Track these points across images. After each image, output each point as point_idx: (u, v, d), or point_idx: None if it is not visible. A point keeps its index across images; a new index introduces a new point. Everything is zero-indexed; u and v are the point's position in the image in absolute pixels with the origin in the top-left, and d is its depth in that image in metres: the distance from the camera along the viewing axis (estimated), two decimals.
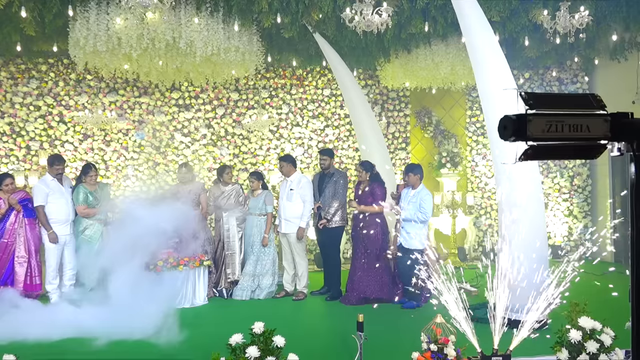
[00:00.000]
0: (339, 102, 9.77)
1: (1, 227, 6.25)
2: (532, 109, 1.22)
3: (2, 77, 8.81)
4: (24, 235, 6.27)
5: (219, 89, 9.46)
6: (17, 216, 6.30)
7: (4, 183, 6.30)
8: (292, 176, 6.84)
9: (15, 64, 8.83)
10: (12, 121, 8.84)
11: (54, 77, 8.98)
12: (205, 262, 6.49)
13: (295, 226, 6.70)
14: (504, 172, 5.21)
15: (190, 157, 9.35)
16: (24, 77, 8.89)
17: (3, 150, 8.81)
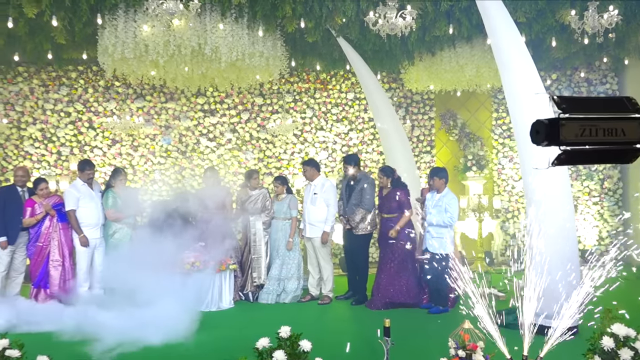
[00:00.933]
0: (362, 105, 9.75)
1: (36, 231, 6.42)
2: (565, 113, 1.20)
3: (34, 85, 9.05)
4: (58, 239, 6.44)
5: (244, 93, 9.53)
6: (51, 221, 6.46)
7: (39, 187, 6.49)
8: (316, 180, 6.84)
9: (46, 72, 9.05)
10: (43, 127, 9.07)
11: (83, 84, 9.18)
12: (231, 265, 6.53)
13: (320, 230, 6.70)
14: (532, 175, 5.12)
15: (216, 162, 9.43)
16: (54, 84, 9.11)
17: (35, 156, 9.04)
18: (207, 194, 6.86)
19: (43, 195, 6.48)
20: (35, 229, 6.42)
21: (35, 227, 6.42)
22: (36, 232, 6.43)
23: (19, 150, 9.00)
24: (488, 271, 8.45)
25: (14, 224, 6.37)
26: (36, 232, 6.43)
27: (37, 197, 6.49)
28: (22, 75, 9.02)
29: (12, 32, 6.91)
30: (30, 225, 6.40)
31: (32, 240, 6.41)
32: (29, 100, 9.03)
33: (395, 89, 9.85)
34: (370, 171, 9.65)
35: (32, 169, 8.99)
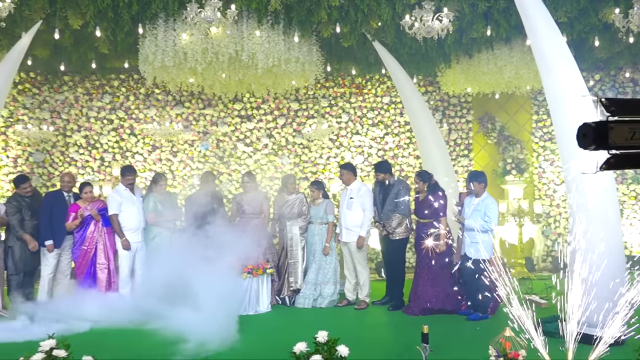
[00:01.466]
0: (398, 109, 9.69)
1: (82, 234, 6.62)
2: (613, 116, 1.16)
3: (78, 93, 9.36)
4: (103, 243, 6.62)
5: (280, 99, 9.61)
6: (96, 225, 6.64)
7: (84, 191, 6.69)
8: (352, 184, 6.82)
9: (90, 81, 9.35)
10: (87, 134, 9.36)
11: (125, 92, 9.44)
12: (268, 270, 6.57)
13: (356, 235, 6.67)
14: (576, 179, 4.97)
15: (253, 167, 9.53)
16: (98, 93, 9.40)
17: (80, 162, 9.34)
18: (244, 198, 6.93)
19: (87, 199, 6.68)
20: (80, 232, 6.61)
21: (81, 230, 6.61)
22: (81, 236, 6.62)
23: (65, 156, 9.32)
24: (529, 277, 8.25)
25: (60, 228, 6.58)
26: (81, 235, 6.62)
27: (82, 202, 6.69)
28: (68, 85, 9.34)
29: (59, 43, 7.18)
30: (72, 229, 6.59)
31: (77, 244, 6.61)
32: (74, 108, 9.34)
33: (431, 92, 9.75)
34: (407, 176, 9.56)
35: (77, 174, 9.28)
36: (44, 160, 9.26)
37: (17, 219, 6.44)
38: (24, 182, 6.62)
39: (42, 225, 6.50)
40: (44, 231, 6.49)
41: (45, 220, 6.50)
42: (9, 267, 6.46)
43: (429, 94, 9.73)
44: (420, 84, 9.65)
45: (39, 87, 9.29)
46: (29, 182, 6.70)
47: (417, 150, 9.36)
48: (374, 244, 7.85)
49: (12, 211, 6.44)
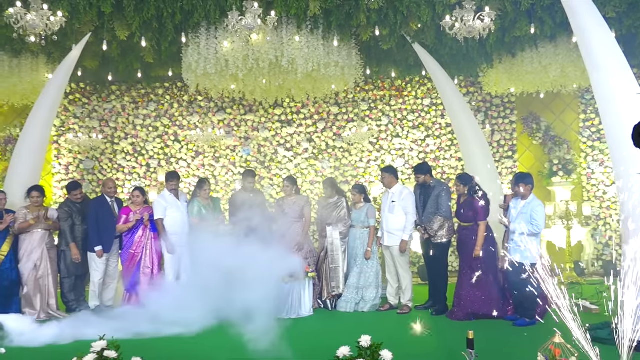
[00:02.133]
0: (439, 111, 9.58)
1: (130, 238, 6.80)
2: None
3: (125, 102, 9.67)
4: (150, 248, 6.79)
5: (319, 103, 9.65)
6: (144, 230, 6.81)
7: (134, 194, 6.89)
8: (394, 188, 6.76)
9: (136, 90, 9.65)
10: (134, 141, 9.66)
11: (169, 100, 9.69)
12: (310, 274, 6.59)
13: (398, 239, 6.61)
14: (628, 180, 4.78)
15: (293, 171, 9.60)
16: (143, 101, 9.68)
17: (127, 169, 9.64)
18: (286, 202, 6.98)
19: (138, 204, 6.87)
20: (128, 236, 6.79)
21: (129, 235, 6.80)
22: (129, 240, 6.79)
23: (113, 163, 9.64)
24: (578, 282, 7.97)
25: (108, 233, 6.75)
26: (129, 239, 6.79)
27: (133, 206, 6.88)
28: (115, 94, 9.67)
29: (106, 54, 7.45)
30: (123, 232, 6.79)
31: (125, 248, 6.79)
32: (121, 116, 9.66)
33: (473, 93, 9.59)
34: (449, 178, 9.43)
35: (125, 180, 9.59)
36: (93, 167, 9.60)
37: (69, 224, 6.67)
38: (75, 188, 6.86)
39: (91, 231, 6.68)
40: (92, 237, 6.67)
41: (93, 226, 6.68)
42: (62, 270, 6.71)
43: (470, 95, 9.58)
44: (462, 85, 9.51)
45: (89, 97, 9.65)
46: (80, 189, 6.93)
47: (459, 152, 9.22)
48: (416, 248, 7.76)
49: (64, 216, 6.68)
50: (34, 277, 6.45)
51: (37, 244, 6.49)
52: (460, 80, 9.44)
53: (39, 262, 6.49)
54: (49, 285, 6.55)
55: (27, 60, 7.70)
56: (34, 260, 6.46)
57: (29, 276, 6.42)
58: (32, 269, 6.45)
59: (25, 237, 6.48)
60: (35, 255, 6.47)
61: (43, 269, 6.51)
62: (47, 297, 6.52)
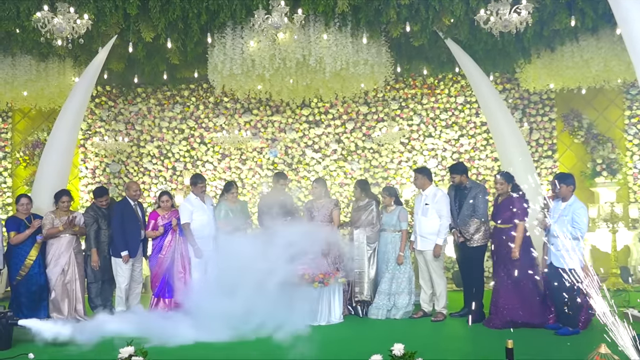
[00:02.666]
0: (474, 109, 9.46)
1: (159, 242, 6.91)
2: None
3: (151, 104, 9.86)
4: (179, 252, 6.90)
5: (348, 103, 9.65)
6: (173, 234, 6.92)
7: (162, 199, 7.00)
8: (427, 190, 6.71)
9: (161, 92, 9.83)
10: (160, 144, 9.83)
11: (195, 102, 9.84)
12: (340, 279, 6.59)
13: (432, 243, 6.55)
14: None
15: (322, 173, 9.62)
16: (169, 103, 9.86)
17: (153, 172, 9.82)
18: (314, 205, 7.00)
19: (165, 208, 6.99)
20: (157, 241, 6.91)
21: (158, 239, 6.91)
22: (158, 244, 6.90)
23: (139, 166, 9.83)
24: (625, 289, 7.76)
25: (133, 237, 6.83)
26: (158, 243, 6.90)
27: (161, 210, 6.99)
28: (141, 96, 9.86)
29: (132, 56, 7.62)
30: (153, 237, 6.92)
31: (154, 252, 6.89)
32: (147, 119, 9.85)
33: (510, 89, 9.45)
34: (484, 179, 9.31)
35: (151, 184, 9.77)
36: (119, 171, 9.81)
37: (94, 229, 6.77)
38: (101, 195, 6.96)
39: (116, 236, 6.75)
40: (118, 242, 6.74)
41: (118, 231, 6.75)
42: (89, 275, 6.84)
43: (507, 92, 9.44)
44: (498, 81, 9.38)
45: (114, 99, 9.88)
46: (106, 195, 7.03)
47: (495, 152, 9.09)
48: (450, 253, 7.68)
49: (90, 221, 6.81)
50: (62, 281, 6.60)
51: (64, 248, 6.64)
52: (496, 77, 9.31)
53: (66, 267, 6.64)
54: (77, 290, 6.69)
55: (54, 64, 7.93)
56: (61, 265, 6.61)
57: (57, 281, 6.57)
58: (60, 274, 6.59)
59: (52, 242, 6.64)
60: (62, 260, 6.62)
61: (70, 273, 6.66)
62: (74, 302, 6.68)
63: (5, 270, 6.74)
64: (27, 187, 9.22)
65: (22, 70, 7.76)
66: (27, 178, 9.50)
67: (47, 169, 7.33)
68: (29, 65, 7.78)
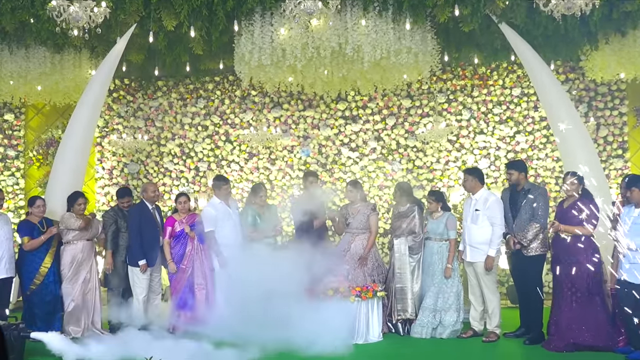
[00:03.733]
0: (532, 102, 9.32)
1: (178, 252, 6.96)
2: None
3: (172, 99, 10.05)
4: (200, 261, 6.95)
5: (389, 96, 9.63)
6: (192, 242, 6.98)
7: (178, 201, 7.09)
8: (478, 193, 6.64)
9: (184, 85, 10.01)
10: (182, 142, 10.01)
11: (219, 95, 9.98)
12: (379, 292, 6.58)
13: (483, 254, 6.47)
14: None
15: (359, 174, 9.62)
16: (192, 97, 10.02)
17: (174, 172, 9.99)
18: (350, 211, 7.00)
19: (183, 211, 7.06)
20: (177, 249, 6.97)
21: (177, 247, 6.98)
22: (178, 253, 6.96)
23: (159, 166, 10.02)
24: None
25: (152, 245, 6.92)
26: (178, 252, 6.97)
27: (178, 215, 7.09)
28: (162, 90, 10.06)
29: (152, 46, 7.77)
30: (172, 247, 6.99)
31: (174, 262, 6.95)
32: (168, 115, 10.04)
33: (573, 80, 9.27)
34: (544, 181, 9.15)
35: (172, 185, 9.95)
36: (138, 172, 10.02)
37: (112, 229, 6.90)
38: (124, 196, 7.14)
39: (134, 244, 6.85)
40: (135, 250, 6.84)
41: (135, 238, 6.84)
42: (110, 282, 6.96)
43: (570, 83, 9.26)
44: (559, 70, 9.21)
45: (133, 94, 10.10)
46: (129, 197, 7.19)
47: (556, 150, 8.94)
48: (504, 264, 7.58)
49: (109, 221, 6.96)
50: (82, 292, 6.73)
51: (86, 255, 6.77)
52: (558, 66, 9.14)
53: (88, 275, 6.77)
54: (95, 300, 6.84)
55: (69, 56, 8.16)
56: (83, 273, 6.74)
57: (78, 291, 6.69)
58: (81, 283, 6.72)
59: (71, 248, 6.74)
60: (84, 268, 6.75)
61: (91, 283, 6.81)
62: (92, 313, 6.82)
63: (16, 279, 6.92)
64: (40, 189, 9.49)
65: (36, 63, 8.00)
66: (40, 179, 9.78)
67: (62, 169, 7.52)
68: (43, 57, 8.02)
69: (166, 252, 6.95)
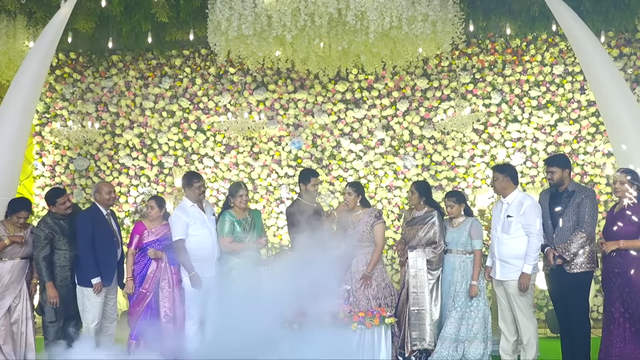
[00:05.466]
0: (578, 83, 9.38)
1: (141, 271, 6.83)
2: None
3: (130, 78, 10.05)
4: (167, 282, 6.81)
5: (401, 75, 9.66)
6: (159, 262, 6.87)
7: (149, 205, 6.99)
8: (510, 196, 6.66)
9: (145, 60, 10.01)
10: (142, 132, 10.01)
11: (189, 74, 9.99)
12: (387, 319, 6.60)
13: (517, 271, 6.49)
14: None
15: (363, 172, 9.64)
16: (155, 76, 10.02)
17: (133, 169, 9.98)
18: (350, 219, 7.00)
19: (153, 217, 6.96)
20: (139, 268, 6.85)
21: (140, 265, 6.86)
22: (140, 273, 6.84)
23: (114, 162, 10.01)
24: None
25: (108, 259, 6.80)
26: (140, 272, 6.84)
27: (149, 222, 7.00)
28: (117, 66, 10.06)
29: (105, 12, 7.75)
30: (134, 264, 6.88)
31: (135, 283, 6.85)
32: (125, 97, 10.03)
33: (629, 55, 9.33)
34: (592, 181, 9.19)
35: (129, 185, 9.93)
36: (87, 168, 10.00)
37: (44, 254, 6.66)
38: (57, 196, 6.84)
39: (84, 258, 6.70)
40: (86, 265, 6.70)
41: (86, 251, 6.70)
42: (46, 312, 6.81)
43: (625, 59, 9.32)
44: (612, 44, 9.28)
45: (81, 71, 10.09)
46: (65, 195, 6.93)
47: (608, 143, 8.98)
48: (543, 284, 7.62)
49: (39, 243, 6.67)
50: (7, 322, 6.65)
51: (14, 277, 6.69)
52: (609, 38, 9.20)
53: (17, 301, 6.69)
54: (27, 334, 6.73)
55: (1, 24, 8.11)
56: (9, 299, 6.65)
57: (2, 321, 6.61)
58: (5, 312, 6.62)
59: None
60: (10, 294, 6.65)
61: (19, 311, 6.70)
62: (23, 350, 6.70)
63: None
64: None
65: None
66: None
67: None
68: None
69: (127, 266, 6.89)
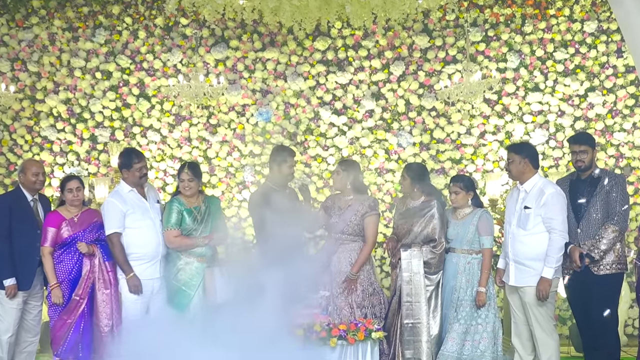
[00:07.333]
0: (614, 44, 9.46)
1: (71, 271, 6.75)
2: None
3: (55, 29, 9.95)
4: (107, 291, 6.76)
5: (395, 30, 9.67)
6: (92, 260, 6.80)
7: (67, 187, 6.80)
8: (529, 182, 6.71)
9: (74, 7, 9.92)
10: (70, 97, 9.94)
11: (130, 25, 9.94)
12: (374, 333, 6.66)
13: (535, 275, 6.54)
14: None
15: (347, 151, 9.67)
16: (86, 27, 9.93)
17: (58, 144, 9.93)
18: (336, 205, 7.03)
19: (74, 204, 6.94)
20: (66, 266, 6.79)
21: (68, 264, 6.82)
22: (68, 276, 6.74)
23: (34, 134, 9.94)
24: None
25: (28, 256, 6.79)
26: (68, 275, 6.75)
27: (66, 210, 6.98)
28: (39, 14, 9.96)
29: None
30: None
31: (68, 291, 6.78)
32: (48, 53, 9.95)
33: None
34: (629, 165, 9.30)
35: (53, 164, 9.88)
36: (0, 142, 9.91)
37: None
38: None
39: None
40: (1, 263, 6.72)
41: (1, 244, 6.72)
42: None
43: None
44: None
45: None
46: None
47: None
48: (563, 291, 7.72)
49: None
50: None
51: None
52: None
53: None
54: None
55: None
56: None
57: None
58: None
59: None
60: None
61: None
62: None
63: None
64: None
65: None
66: None
67: None
68: None
69: (47, 270, 6.79)
